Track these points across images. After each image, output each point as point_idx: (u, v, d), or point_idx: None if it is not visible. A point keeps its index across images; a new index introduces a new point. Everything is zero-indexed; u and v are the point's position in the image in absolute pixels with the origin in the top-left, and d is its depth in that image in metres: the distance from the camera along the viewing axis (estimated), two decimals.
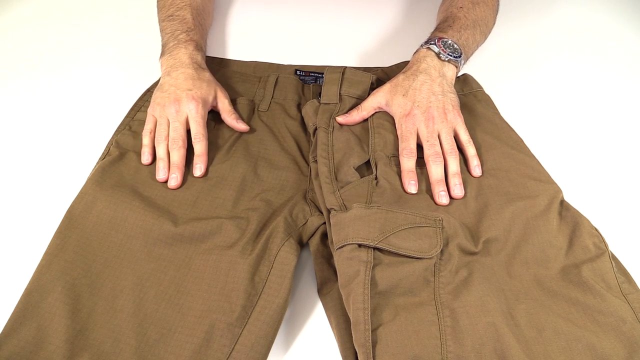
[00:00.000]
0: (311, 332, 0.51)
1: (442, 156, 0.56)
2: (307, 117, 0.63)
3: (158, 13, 0.73)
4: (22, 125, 0.68)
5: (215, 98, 0.63)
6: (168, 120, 0.59)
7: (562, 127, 0.70)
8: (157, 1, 0.75)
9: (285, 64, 0.73)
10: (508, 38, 0.83)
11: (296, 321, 0.51)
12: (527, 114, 0.71)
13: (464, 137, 0.58)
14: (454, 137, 0.58)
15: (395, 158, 0.58)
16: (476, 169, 0.57)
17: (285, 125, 0.64)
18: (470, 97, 0.67)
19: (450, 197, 0.54)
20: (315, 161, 0.58)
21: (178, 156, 0.57)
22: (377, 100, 0.61)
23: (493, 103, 0.68)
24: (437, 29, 0.68)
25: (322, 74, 0.70)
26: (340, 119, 0.61)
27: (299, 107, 0.67)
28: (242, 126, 0.62)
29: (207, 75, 0.64)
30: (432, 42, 0.63)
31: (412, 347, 0.42)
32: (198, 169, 0.58)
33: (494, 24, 0.75)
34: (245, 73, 0.71)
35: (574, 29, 0.85)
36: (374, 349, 0.42)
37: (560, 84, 0.76)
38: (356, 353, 0.44)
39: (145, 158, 0.58)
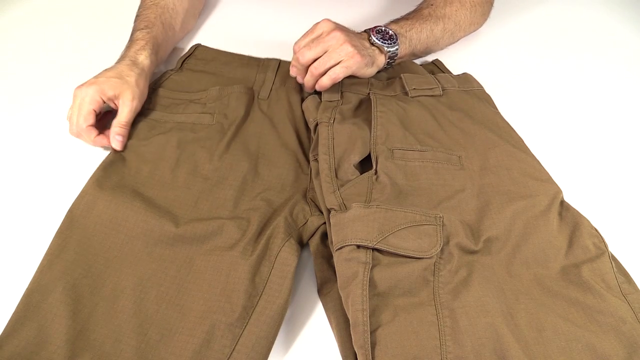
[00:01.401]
0: (311, 333, 0.51)
1: (305, 69, 0.61)
2: (307, 112, 0.63)
3: None
4: (24, 126, 0.68)
5: (117, 97, 0.61)
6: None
7: (562, 127, 0.70)
8: None
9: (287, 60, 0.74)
10: (508, 38, 0.83)
11: (296, 321, 0.52)
12: (527, 114, 0.71)
13: (338, 69, 0.59)
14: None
15: (398, 151, 0.57)
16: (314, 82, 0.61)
17: (286, 114, 0.64)
18: (472, 95, 0.67)
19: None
20: (316, 160, 0.58)
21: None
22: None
23: (493, 102, 0.68)
24: (393, 19, 0.70)
25: None
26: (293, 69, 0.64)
27: (300, 96, 0.67)
28: (115, 143, 0.59)
29: (132, 75, 0.62)
30: (369, 29, 0.66)
31: (412, 348, 0.42)
32: None
33: (473, 24, 0.77)
34: (243, 57, 0.71)
35: (574, 28, 0.85)
36: (373, 350, 0.42)
37: (560, 84, 0.76)
38: (356, 353, 0.44)
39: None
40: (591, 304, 0.46)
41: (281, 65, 0.69)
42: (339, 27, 0.61)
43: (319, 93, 0.65)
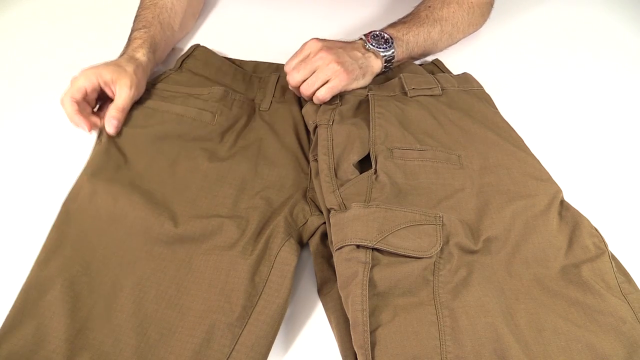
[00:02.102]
0: (311, 332, 0.51)
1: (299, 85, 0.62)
2: (307, 116, 0.63)
3: None
4: (22, 125, 0.68)
5: (113, 81, 0.60)
6: None
7: (562, 127, 0.70)
8: None
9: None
10: (507, 37, 0.83)
11: (296, 321, 0.51)
12: (526, 114, 0.71)
13: (322, 92, 0.61)
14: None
15: (397, 150, 0.57)
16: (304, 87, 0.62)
17: (288, 124, 0.64)
18: (471, 95, 0.67)
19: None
20: (316, 160, 0.58)
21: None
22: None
23: (493, 102, 0.68)
24: (390, 23, 0.71)
25: None
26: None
27: (300, 106, 0.67)
28: (109, 127, 0.59)
29: (130, 66, 0.62)
30: (365, 35, 0.67)
31: (412, 348, 0.42)
32: None
33: (471, 25, 0.78)
34: (246, 72, 0.71)
35: (574, 28, 0.85)
36: (373, 350, 0.42)
37: (560, 84, 0.76)
38: (356, 353, 0.44)
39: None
40: (591, 303, 0.46)
41: (280, 79, 0.69)
42: (326, 46, 0.62)
43: None
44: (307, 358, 0.49)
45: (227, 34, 0.82)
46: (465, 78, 0.69)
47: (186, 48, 0.77)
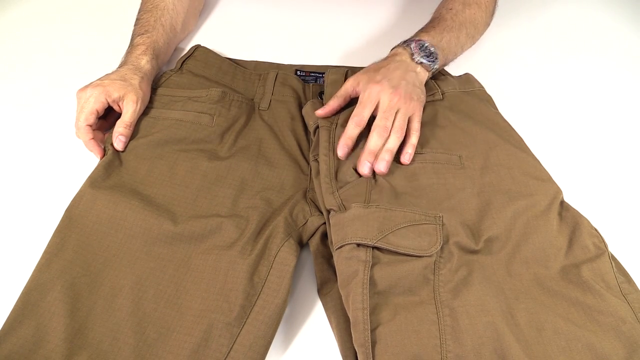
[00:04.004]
0: (311, 332, 0.51)
1: (388, 132, 0.56)
2: (307, 116, 0.63)
3: None
4: (23, 125, 0.68)
5: (121, 98, 0.61)
6: None
7: (562, 127, 0.70)
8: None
9: (286, 63, 0.74)
10: (508, 38, 0.83)
11: (296, 321, 0.51)
12: (527, 114, 0.71)
13: (416, 125, 0.58)
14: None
15: (397, 153, 0.57)
16: (406, 156, 0.56)
17: (286, 124, 0.64)
18: (472, 95, 0.67)
19: (374, 172, 0.54)
20: (316, 160, 0.58)
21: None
22: (349, 84, 0.60)
23: (494, 102, 0.68)
24: (421, 29, 0.68)
25: (323, 73, 0.70)
26: (320, 111, 0.60)
27: (299, 105, 0.67)
28: (117, 143, 0.59)
29: (135, 79, 0.63)
30: (410, 43, 0.63)
31: (412, 347, 0.42)
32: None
33: (486, 25, 0.76)
34: (246, 70, 0.71)
35: (574, 28, 0.85)
36: (373, 349, 0.42)
37: (560, 84, 0.76)
38: (356, 353, 0.44)
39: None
40: (591, 303, 0.46)
41: (279, 76, 0.69)
42: (383, 81, 0.57)
43: (320, 97, 0.65)
44: (307, 358, 0.49)
45: (227, 34, 0.82)
46: (467, 78, 0.69)
47: (187, 48, 0.77)
